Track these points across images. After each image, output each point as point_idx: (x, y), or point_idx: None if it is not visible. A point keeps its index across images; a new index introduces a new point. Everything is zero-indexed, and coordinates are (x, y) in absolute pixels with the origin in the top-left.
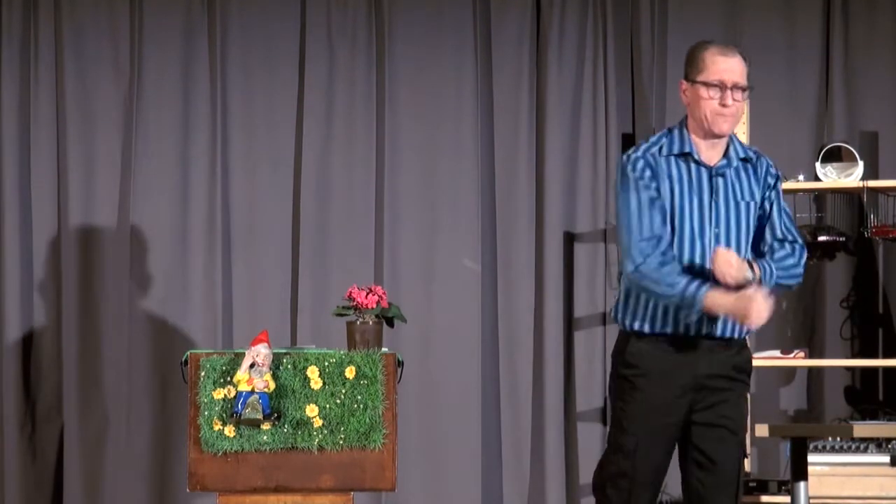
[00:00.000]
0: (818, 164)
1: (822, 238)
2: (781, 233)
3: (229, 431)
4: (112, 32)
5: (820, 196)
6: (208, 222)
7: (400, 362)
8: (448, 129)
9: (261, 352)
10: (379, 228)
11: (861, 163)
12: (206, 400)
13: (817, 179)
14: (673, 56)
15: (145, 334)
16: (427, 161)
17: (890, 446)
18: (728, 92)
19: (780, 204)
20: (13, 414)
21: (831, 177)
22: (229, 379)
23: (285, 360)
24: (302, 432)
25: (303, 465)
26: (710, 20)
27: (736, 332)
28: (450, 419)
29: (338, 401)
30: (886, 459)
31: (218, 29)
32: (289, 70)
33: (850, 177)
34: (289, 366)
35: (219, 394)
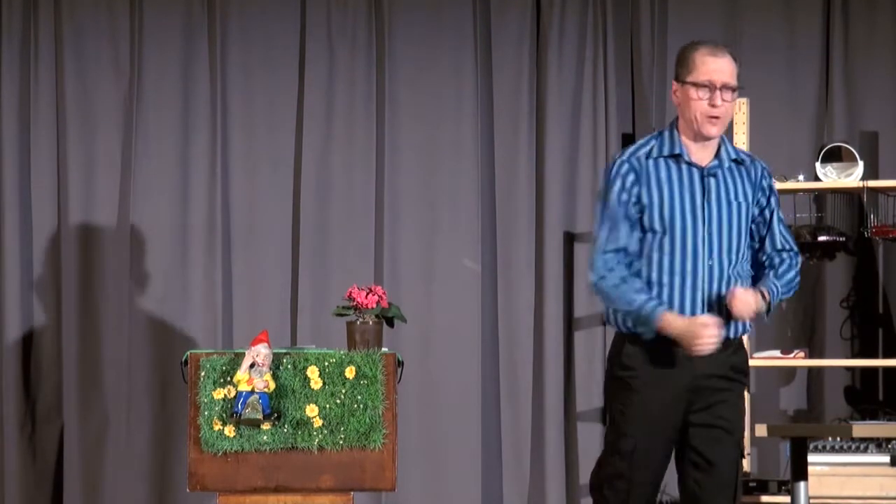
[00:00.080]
0: (818, 164)
1: (822, 238)
2: (780, 243)
3: (229, 431)
4: (112, 32)
5: (820, 196)
6: (208, 222)
7: (400, 362)
8: (448, 129)
9: (261, 352)
10: (379, 228)
11: (861, 163)
12: (206, 400)
13: (817, 179)
14: (673, 56)
15: (145, 334)
16: (427, 161)
17: (890, 446)
18: (717, 92)
19: (779, 212)
20: (13, 414)
21: (831, 177)
22: (229, 379)
23: (285, 360)
24: (302, 432)
25: (303, 465)
26: (710, 20)
27: (732, 332)
28: (450, 419)
29: (338, 401)
30: (886, 459)
31: (218, 29)
32: (289, 70)
33: (850, 177)
34: (289, 366)
35: (219, 394)
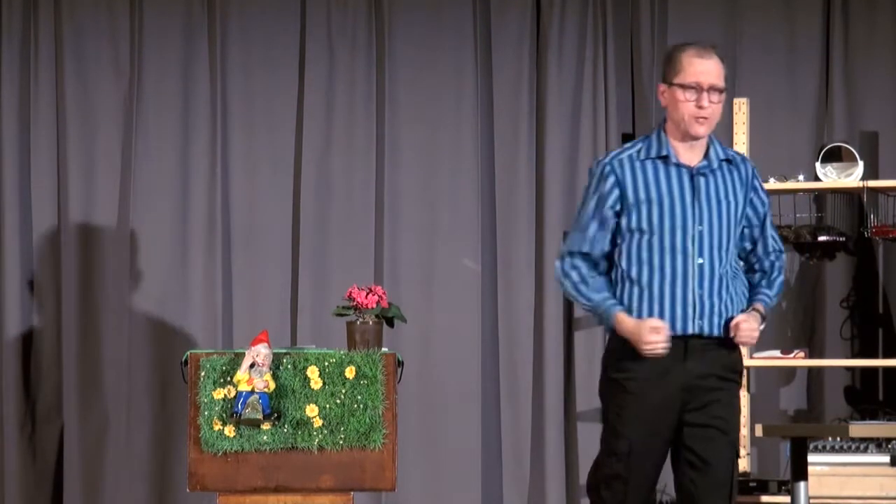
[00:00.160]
0: (818, 164)
1: (822, 238)
2: (771, 245)
3: (229, 431)
4: (112, 33)
5: (820, 196)
6: (208, 222)
7: (400, 362)
8: (448, 130)
9: (261, 352)
10: (379, 228)
11: (861, 163)
12: (206, 400)
13: (817, 179)
14: None
15: (145, 334)
16: (427, 161)
17: (890, 446)
18: (704, 94)
19: (770, 217)
20: (13, 414)
21: (831, 177)
22: (229, 379)
23: (285, 360)
24: (302, 432)
25: (303, 465)
26: (710, 20)
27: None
28: (450, 419)
29: (338, 401)
30: (886, 459)
31: (218, 30)
32: (289, 70)
33: (850, 177)
34: (289, 366)
35: (219, 394)
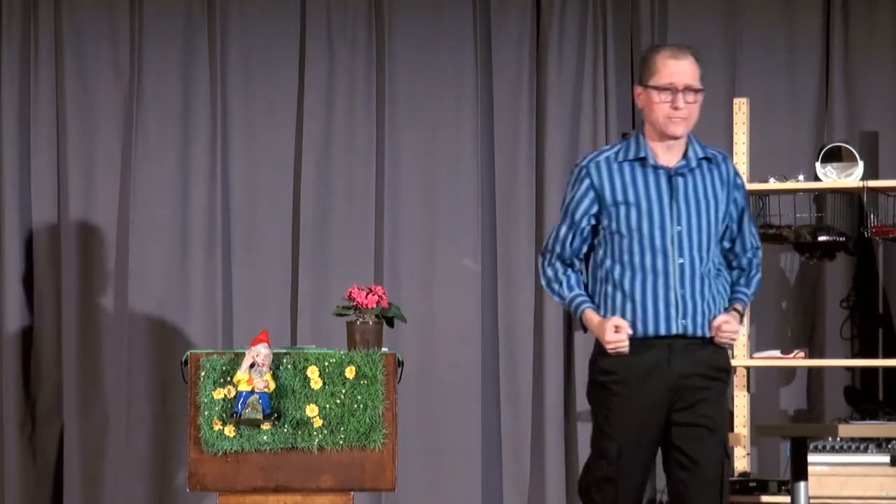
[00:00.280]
0: (818, 164)
1: (822, 238)
2: (749, 242)
3: (229, 431)
4: (112, 33)
5: (820, 196)
6: (208, 222)
7: (400, 362)
8: (448, 130)
9: (261, 352)
10: (379, 228)
11: (861, 163)
12: (206, 400)
13: (817, 179)
14: None
15: (145, 334)
16: (427, 161)
17: (890, 446)
18: (679, 95)
19: (749, 214)
20: (13, 414)
21: (831, 177)
22: (229, 379)
23: (285, 360)
24: (302, 432)
25: (303, 465)
26: (710, 20)
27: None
28: (450, 419)
29: (338, 401)
30: (886, 459)
31: (218, 29)
32: (289, 71)
33: (850, 177)
34: (289, 366)
35: (219, 394)
